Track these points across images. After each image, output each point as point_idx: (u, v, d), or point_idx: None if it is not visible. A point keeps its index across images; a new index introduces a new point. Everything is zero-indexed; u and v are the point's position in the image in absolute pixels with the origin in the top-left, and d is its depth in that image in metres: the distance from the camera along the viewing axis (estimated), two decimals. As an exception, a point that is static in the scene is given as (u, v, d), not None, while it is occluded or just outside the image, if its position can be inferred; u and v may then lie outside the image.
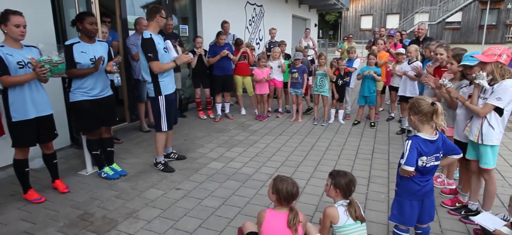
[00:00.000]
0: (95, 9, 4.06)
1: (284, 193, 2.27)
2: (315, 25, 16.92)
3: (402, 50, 5.85)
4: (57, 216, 3.14)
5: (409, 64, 5.41)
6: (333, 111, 6.58)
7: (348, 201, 2.38)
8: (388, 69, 6.48)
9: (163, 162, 4.22)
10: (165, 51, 3.96)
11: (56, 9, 4.76)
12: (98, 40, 3.76)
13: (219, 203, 3.40)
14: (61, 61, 3.20)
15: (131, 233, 2.89)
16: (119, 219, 3.10)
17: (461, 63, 3.12)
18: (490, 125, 2.81)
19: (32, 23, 4.19)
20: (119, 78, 3.84)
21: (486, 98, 2.79)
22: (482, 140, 2.85)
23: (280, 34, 8.92)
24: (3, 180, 3.93)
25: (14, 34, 3.06)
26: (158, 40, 3.87)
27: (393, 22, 29.38)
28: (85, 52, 3.55)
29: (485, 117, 2.82)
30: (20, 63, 3.09)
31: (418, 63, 5.27)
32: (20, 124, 3.16)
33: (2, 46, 3.04)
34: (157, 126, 4.11)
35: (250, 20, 10.27)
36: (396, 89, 6.03)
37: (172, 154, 4.57)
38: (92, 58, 3.59)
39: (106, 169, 3.99)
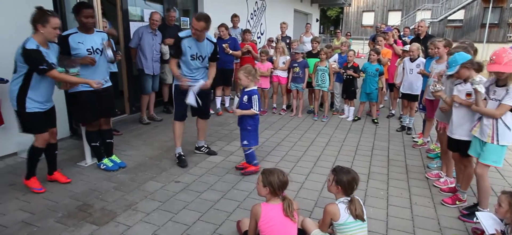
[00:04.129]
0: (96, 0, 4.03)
1: (278, 183, 2.30)
2: (317, 20, 16.84)
3: (408, 47, 5.82)
4: (56, 207, 3.14)
5: (411, 62, 5.38)
6: (346, 107, 6.53)
7: (349, 198, 2.37)
8: (392, 63, 6.47)
9: (177, 154, 4.18)
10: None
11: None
12: (97, 31, 3.73)
13: (218, 197, 3.39)
14: (76, 74, 3.36)
15: (129, 225, 2.88)
16: (118, 210, 3.10)
17: (447, 73, 3.18)
18: (506, 125, 2.77)
19: (30, 8, 4.19)
20: (109, 52, 3.74)
21: (499, 100, 2.75)
22: (497, 140, 2.80)
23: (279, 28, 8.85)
24: (2, 169, 3.92)
25: (51, 36, 3.12)
26: (188, 44, 3.89)
27: (395, 19, 29.22)
28: (82, 43, 3.53)
29: (501, 118, 2.77)
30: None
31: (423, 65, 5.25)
32: (33, 114, 3.20)
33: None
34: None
35: (251, 13, 10.21)
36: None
37: (203, 148, 4.54)
38: (89, 49, 3.57)
39: (105, 160, 3.98)
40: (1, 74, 3.87)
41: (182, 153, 4.21)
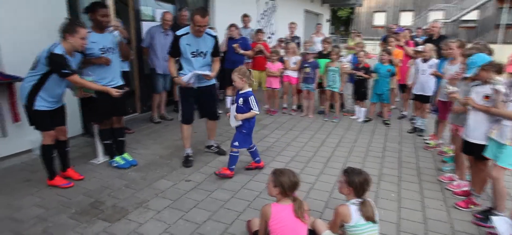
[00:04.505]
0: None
1: (289, 184, 2.29)
2: (327, 20, 16.74)
3: (420, 48, 5.74)
4: (69, 203, 3.19)
5: (424, 63, 5.31)
6: (357, 108, 6.46)
7: (361, 200, 2.35)
8: (403, 64, 6.40)
9: (185, 154, 4.20)
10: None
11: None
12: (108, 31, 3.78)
13: (229, 196, 3.40)
14: (92, 81, 3.49)
15: (141, 222, 2.92)
16: (129, 208, 3.13)
17: (466, 74, 3.20)
18: None
19: (45, 8, 4.28)
20: (117, 33, 3.82)
21: None
22: None
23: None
24: (17, 166, 4.00)
25: (78, 45, 3.23)
26: (187, 41, 3.83)
27: (406, 19, 28.87)
28: (95, 42, 3.58)
29: None
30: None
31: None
32: (39, 112, 3.25)
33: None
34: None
35: (262, 14, 10.21)
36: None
37: (212, 147, 4.53)
38: (102, 48, 3.63)
39: (117, 158, 4.03)
40: (18, 73, 3.95)
41: (190, 154, 4.22)
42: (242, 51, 6.38)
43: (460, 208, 3.23)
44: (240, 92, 3.76)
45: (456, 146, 3.67)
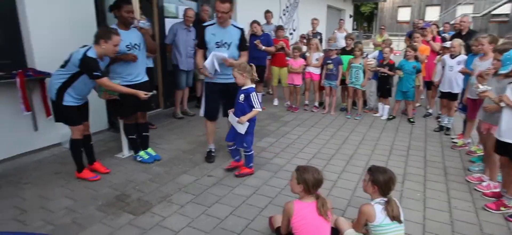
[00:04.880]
0: (134, -4, 4.17)
1: (312, 181, 2.27)
2: (350, 16, 16.45)
3: (448, 44, 5.54)
4: (96, 195, 3.30)
5: (452, 59, 5.13)
6: (380, 105, 6.36)
7: (386, 199, 2.30)
8: (429, 61, 6.21)
9: (208, 149, 4.24)
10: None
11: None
12: (132, 27, 3.85)
13: (251, 192, 3.42)
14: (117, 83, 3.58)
15: (164, 216, 2.98)
16: (153, 202, 3.20)
17: (500, 71, 3.05)
18: None
19: (74, 7, 4.42)
20: (145, 23, 3.95)
21: None
22: None
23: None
24: (48, 158, 4.17)
25: (110, 52, 3.35)
26: (212, 31, 3.82)
27: (433, 14, 27.95)
28: (122, 39, 3.64)
29: None
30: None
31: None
32: (68, 107, 3.37)
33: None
34: None
35: (284, 9, 10.15)
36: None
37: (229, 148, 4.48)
38: (128, 45, 3.71)
39: (142, 153, 4.12)
40: (49, 69, 4.10)
41: (213, 150, 4.25)
42: (264, 48, 6.36)
43: (490, 210, 3.11)
44: (242, 88, 3.59)
45: (488, 145, 3.53)
